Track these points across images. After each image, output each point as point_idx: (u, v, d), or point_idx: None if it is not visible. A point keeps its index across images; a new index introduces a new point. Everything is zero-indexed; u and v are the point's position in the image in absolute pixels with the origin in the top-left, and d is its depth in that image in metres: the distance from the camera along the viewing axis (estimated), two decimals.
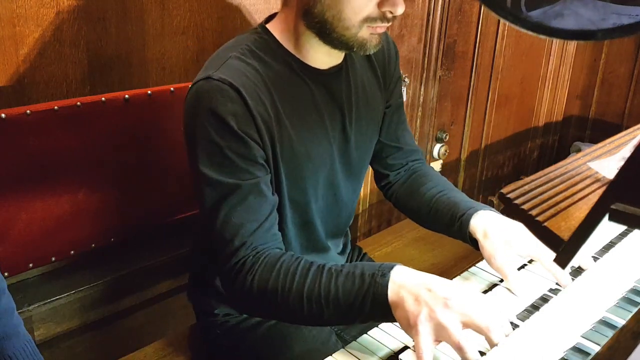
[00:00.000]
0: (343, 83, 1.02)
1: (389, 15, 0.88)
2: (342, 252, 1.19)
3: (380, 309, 0.80)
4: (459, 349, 0.74)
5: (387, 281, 0.79)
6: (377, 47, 0.93)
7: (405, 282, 0.79)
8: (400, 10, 0.87)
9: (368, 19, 0.88)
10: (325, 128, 1.00)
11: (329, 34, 0.90)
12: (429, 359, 0.75)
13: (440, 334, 0.76)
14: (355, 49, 0.92)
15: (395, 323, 0.83)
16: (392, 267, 0.81)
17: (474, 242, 1.02)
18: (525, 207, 0.52)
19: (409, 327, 0.77)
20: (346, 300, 0.82)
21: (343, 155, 1.05)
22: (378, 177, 1.24)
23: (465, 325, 0.76)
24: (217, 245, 0.90)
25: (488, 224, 0.99)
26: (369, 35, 0.90)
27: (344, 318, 0.84)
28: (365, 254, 1.31)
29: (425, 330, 0.76)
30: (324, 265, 0.86)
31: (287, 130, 0.94)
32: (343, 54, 1.00)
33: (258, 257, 0.88)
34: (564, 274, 0.93)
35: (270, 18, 0.99)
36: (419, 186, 1.15)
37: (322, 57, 0.97)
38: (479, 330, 0.76)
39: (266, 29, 0.97)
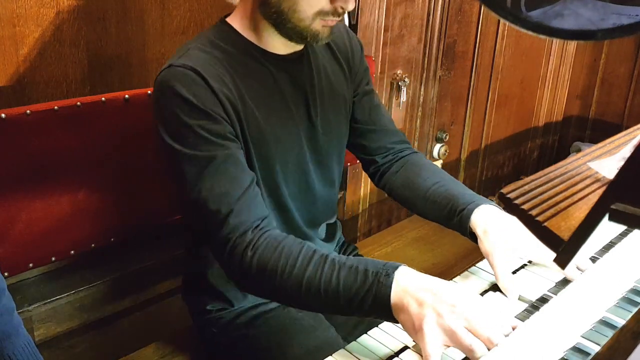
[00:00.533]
0: (305, 68, 1.05)
1: (340, 10, 0.94)
2: (327, 240, 1.19)
3: (381, 309, 0.80)
4: (470, 352, 0.74)
5: (391, 282, 0.79)
6: (328, 38, 0.98)
7: (409, 286, 0.78)
8: (350, 6, 0.93)
9: (321, 13, 0.93)
10: (291, 111, 1.03)
11: (284, 25, 0.94)
12: None
13: (450, 340, 0.75)
14: (308, 40, 0.96)
15: (397, 324, 0.83)
16: (396, 268, 0.81)
17: (472, 236, 1.02)
18: (525, 207, 0.52)
19: (414, 331, 0.77)
20: (346, 295, 0.81)
21: (310, 141, 1.07)
22: (365, 165, 1.25)
23: (469, 331, 0.75)
24: (206, 219, 0.90)
25: (489, 221, 0.99)
26: (321, 27, 0.95)
27: (341, 311, 0.84)
28: (358, 254, 1.30)
29: (432, 334, 0.75)
30: (327, 255, 0.85)
31: (253, 111, 0.97)
32: None
33: (257, 233, 0.88)
34: (569, 268, 0.93)
35: (229, 14, 1.03)
36: (414, 176, 1.15)
37: (280, 45, 1.01)
38: (480, 339, 0.75)
39: (225, 21, 1.01)
